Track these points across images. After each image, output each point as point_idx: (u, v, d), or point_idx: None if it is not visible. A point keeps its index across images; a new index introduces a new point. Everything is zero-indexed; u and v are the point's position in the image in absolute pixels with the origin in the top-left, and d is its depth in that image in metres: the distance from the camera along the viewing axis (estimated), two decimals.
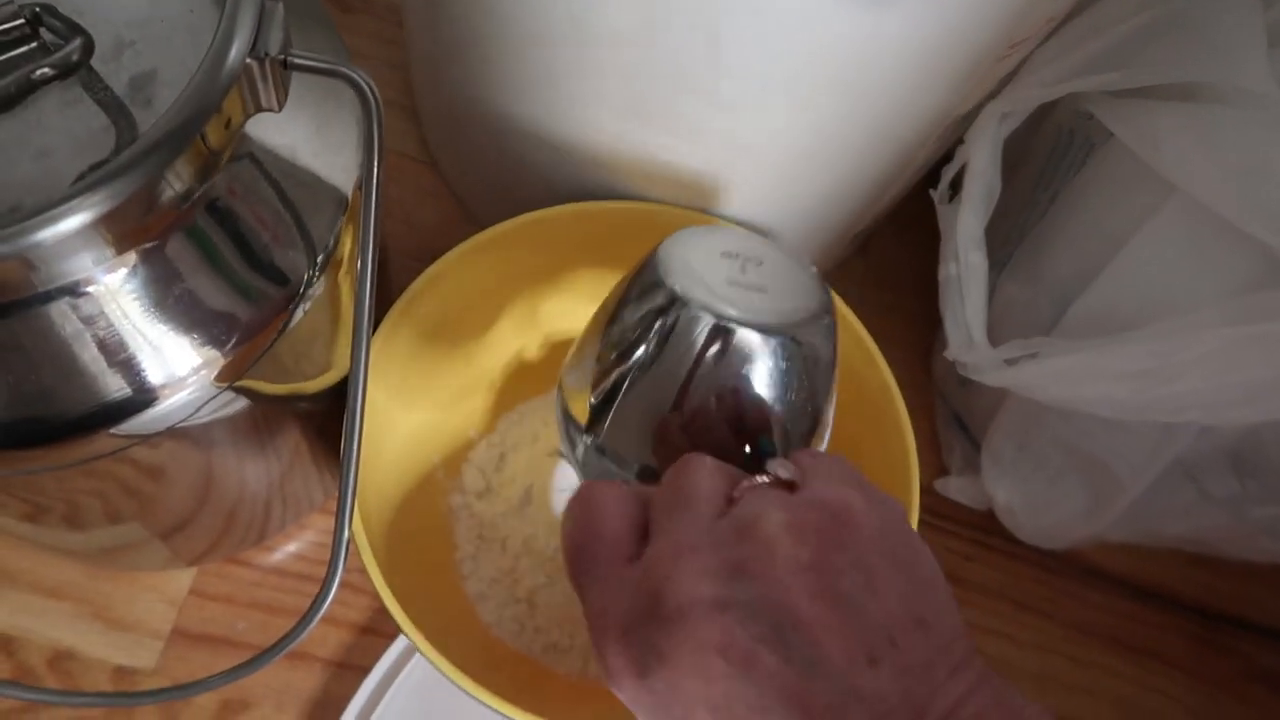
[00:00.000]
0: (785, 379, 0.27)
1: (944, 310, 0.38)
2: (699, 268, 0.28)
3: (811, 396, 0.28)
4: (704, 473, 0.24)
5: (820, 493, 0.23)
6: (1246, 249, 0.30)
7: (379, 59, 0.54)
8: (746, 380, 0.27)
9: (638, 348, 0.28)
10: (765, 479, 0.24)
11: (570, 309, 0.42)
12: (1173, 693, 0.47)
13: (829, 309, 0.28)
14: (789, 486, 0.24)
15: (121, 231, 0.24)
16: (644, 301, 0.28)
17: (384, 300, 0.40)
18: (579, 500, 0.26)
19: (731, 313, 0.27)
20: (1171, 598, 0.48)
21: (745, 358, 0.27)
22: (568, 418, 0.30)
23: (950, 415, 0.47)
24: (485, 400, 0.42)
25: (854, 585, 0.21)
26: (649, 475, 0.28)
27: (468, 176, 0.48)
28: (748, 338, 0.26)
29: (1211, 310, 0.29)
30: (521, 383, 0.42)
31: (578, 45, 0.33)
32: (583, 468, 0.30)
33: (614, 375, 0.28)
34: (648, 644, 0.21)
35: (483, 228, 0.49)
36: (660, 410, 0.27)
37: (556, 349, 0.43)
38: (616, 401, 0.28)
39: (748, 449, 0.28)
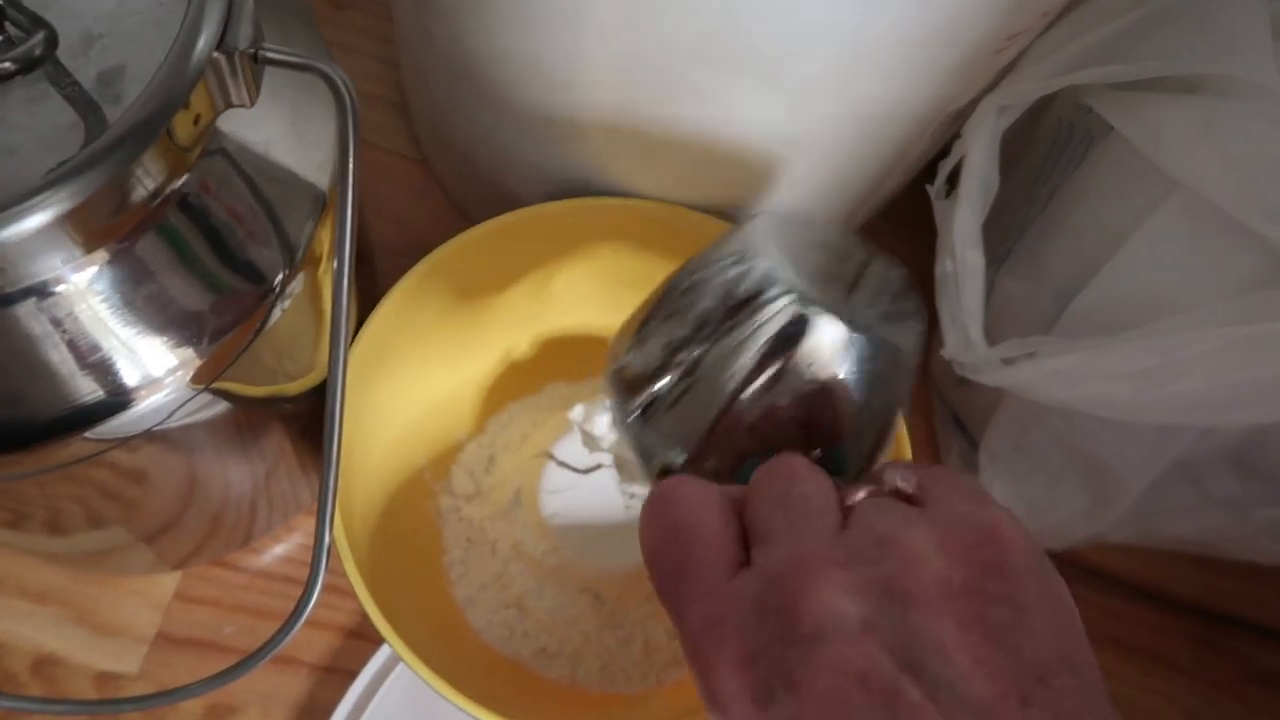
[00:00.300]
0: (870, 383, 0.25)
1: (940, 308, 0.37)
2: (790, 252, 0.26)
3: (890, 405, 0.26)
4: (811, 477, 0.22)
5: (964, 510, 0.20)
6: (1250, 245, 0.29)
7: (370, 54, 0.54)
8: (828, 378, 0.24)
9: (713, 325, 0.25)
10: (877, 488, 0.22)
11: (560, 307, 0.41)
12: (1173, 694, 0.46)
13: (922, 314, 0.26)
14: (907, 500, 0.22)
15: (89, 230, 0.23)
16: (725, 277, 0.26)
17: (370, 299, 0.39)
18: (664, 500, 0.23)
19: (822, 302, 0.24)
20: (1171, 598, 0.47)
21: (833, 353, 0.24)
22: (618, 384, 0.27)
23: (948, 414, 0.46)
24: (473, 400, 0.41)
25: (1007, 616, 0.19)
26: (693, 463, 0.26)
27: (458, 174, 0.47)
28: (839, 333, 0.24)
29: (1213, 308, 0.28)
30: (510, 382, 0.42)
31: (566, 42, 0.32)
32: (626, 439, 0.27)
33: (680, 348, 0.26)
34: (775, 667, 0.19)
35: (474, 224, 0.48)
36: (724, 395, 0.25)
37: (545, 348, 0.42)
38: (679, 377, 0.26)
39: (817, 455, 0.25)
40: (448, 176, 0.49)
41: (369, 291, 0.40)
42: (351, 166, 0.25)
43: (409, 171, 0.51)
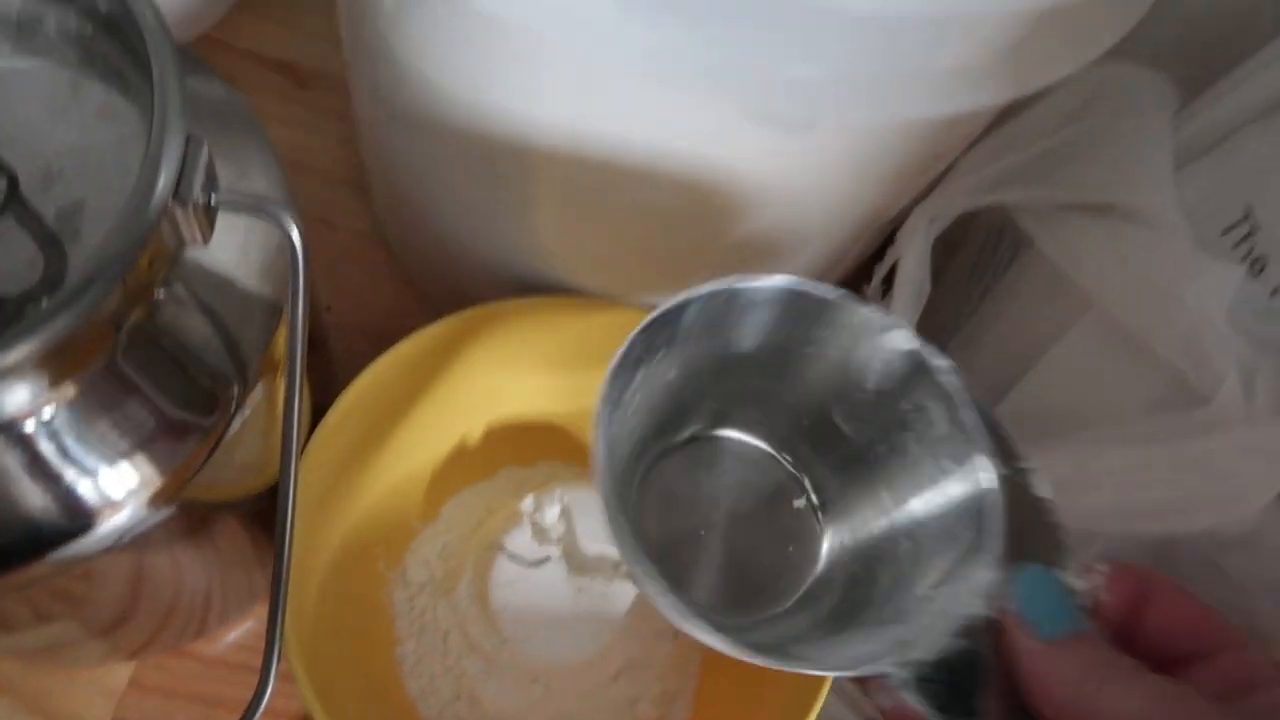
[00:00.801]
0: None
1: None
2: None
3: None
4: None
5: None
6: (1155, 366, 0.31)
7: (332, 134, 0.55)
8: None
9: None
10: None
11: (514, 396, 0.42)
12: None
13: None
14: None
15: (46, 371, 0.24)
16: None
17: (326, 383, 0.40)
18: None
19: None
20: None
21: None
22: None
23: None
24: (428, 486, 0.42)
25: None
26: None
27: (417, 259, 0.48)
28: None
29: (1121, 426, 0.30)
30: (464, 467, 0.43)
31: (512, 149, 0.34)
32: None
33: None
34: None
35: (434, 307, 0.49)
36: None
37: (499, 433, 0.43)
38: None
39: None
40: (407, 260, 0.50)
41: (325, 377, 0.41)
42: (301, 314, 0.26)
43: (370, 251, 0.52)
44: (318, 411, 0.39)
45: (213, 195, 0.24)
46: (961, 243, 0.44)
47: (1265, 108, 0.31)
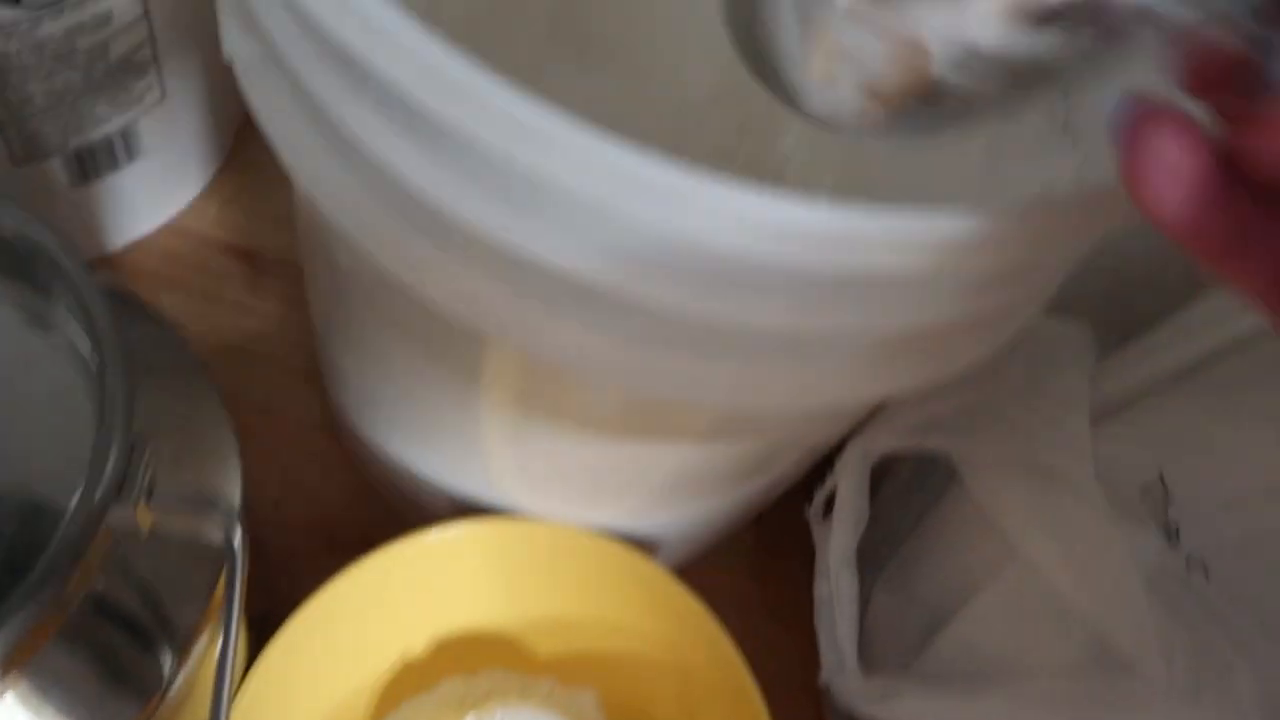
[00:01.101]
0: None
1: (818, 630, 0.39)
2: None
3: None
4: None
5: None
6: (1076, 624, 0.32)
7: (289, 323, 0.56)
8: None
9: None
10: None
11: (459, 611, 0.42)
12: None
13: None
14: None
15: None
16: None
17: (267, 591, 0.39)
18: None
19: None
20: None
21: None
22: None
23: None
24: (367, 705, 0.42)
25: None
26: None
27: (367, 462, 0.49)
28: None
29: (1042, 684, 0.31)
30: (405, 681, 0.42)
31: (458, 400, 0.35)
32: None
33: None
34: None
35: (384, 504, 0.49)
36: None
37: (442, 646, 0.43)
38: None
39: None
40: (357, 458, 0.50)
41: (265, 583, 0.41)
42: (235, 624, 0.26)
43: (321, 444, 0.52)
44: (256, 621, 0.38)
45: (153, 497, 0.25)
46: (899, 464, 0.45)
47: (1175, 375, 0.32)
